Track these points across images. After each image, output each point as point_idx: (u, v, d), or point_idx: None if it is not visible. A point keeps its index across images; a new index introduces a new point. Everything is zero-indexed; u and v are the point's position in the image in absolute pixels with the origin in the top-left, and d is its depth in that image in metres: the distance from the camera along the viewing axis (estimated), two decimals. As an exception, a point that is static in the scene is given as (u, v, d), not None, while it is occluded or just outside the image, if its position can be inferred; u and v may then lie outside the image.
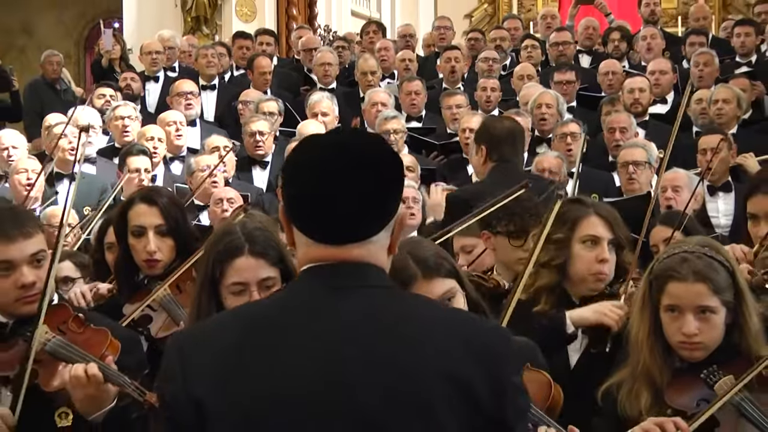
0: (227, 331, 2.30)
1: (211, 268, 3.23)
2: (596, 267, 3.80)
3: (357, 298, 2.25)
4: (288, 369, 2.20)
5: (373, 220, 2.27)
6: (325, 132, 2.54)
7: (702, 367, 3.19)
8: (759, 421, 3.08)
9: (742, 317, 3.22)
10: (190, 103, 9.15)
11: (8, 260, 3.21)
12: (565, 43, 10.79)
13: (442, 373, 2.21)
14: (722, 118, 8.14)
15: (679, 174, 6.40)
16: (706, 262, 3.19)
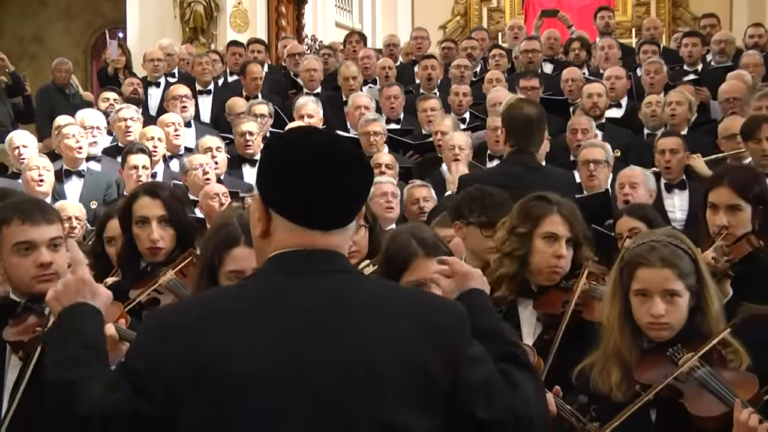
0: (197, 312, 2.32)
1: (210, 257, 3.21)
2: (553, 261, 3.79)
3: (326, 282, 2.28)
4: (248, 348, 2.20)
5: (352, 209, 2.35)
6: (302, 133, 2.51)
7: (667, 346, 3.19)
8: (719, 393, 3.08)
9: (704, 301, 3.22)
10: (185, 106, 9.15)
11: (30, 241, 3.27)
12: (534, 51, 10.77)
13: (396, 353, 2.21)
14: (675, 119, 8.18)
15: (636, 171, 6.42)
16: (672, 249, 3.19)
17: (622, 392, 3.15)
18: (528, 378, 2.48)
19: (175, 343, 2.23)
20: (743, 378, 3.14)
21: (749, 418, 2.95)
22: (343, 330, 2.21)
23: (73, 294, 2.65)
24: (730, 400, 3.05)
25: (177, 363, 2.21)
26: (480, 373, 2.30)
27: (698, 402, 3.09)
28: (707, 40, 11.13)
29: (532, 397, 2.44)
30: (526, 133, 5.60)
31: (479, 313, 2.63)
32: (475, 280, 2.80)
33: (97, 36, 17.23)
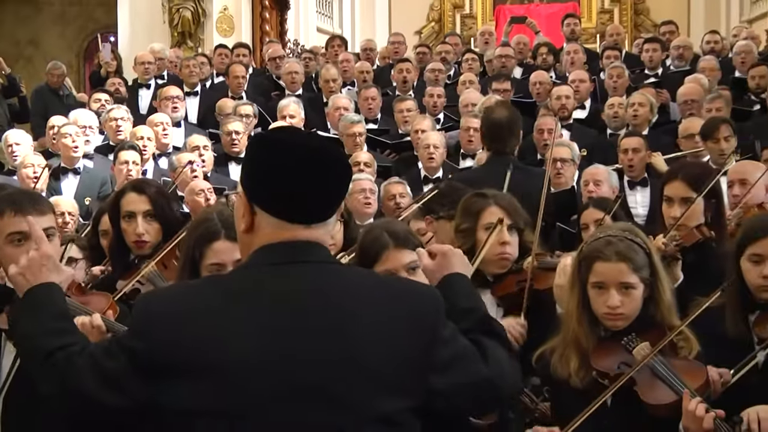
0: (188, 300, 2.30)
1: (192, 250, 3.20)
2: (499, 249, 3.79)
3: (308, 272, 2.28)
4: (237, 338, 2.19)
5: (332, 205, 2.36)
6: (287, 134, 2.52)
7: (622, 334, 3.20)
8: (669, 380, 3.10)
9: (657, 292, 3.24)
10: (176, 106, 9.16)
11: (23, 232, 3.20)
12: (507, 57, 10.87)
13: (378, 339, 2.22)
14: (637, 120, 8.24)
15: (600, 169, 6.44)
16: (627, 244, 3.20)
17: (580, 378, 3.16)
18: (500, 347, 2.47)
19: (167, 329, 2.23)
20: (693, 367, 3.16)
21: (696, 408, 2.97)
22: (327, 319, 2.22)
23: (37, 269, 2.61)
24: (680, 389, 3.06)
25: (169, 348, 2.20)
26: (448, 353, 2.31)
27: (650, 390, 3.10)
28: (667, 45, 11.22)
29: (504, 363, 2.44)
30: (499, 136, 5.63)
31: (458, 296, 2.63)
32: (457, 263, 2.75)
33: (90, 40, 17.19)
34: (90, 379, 2.27)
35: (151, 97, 10.34)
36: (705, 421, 2.95)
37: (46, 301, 2.55)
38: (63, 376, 2.32)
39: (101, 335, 3.02)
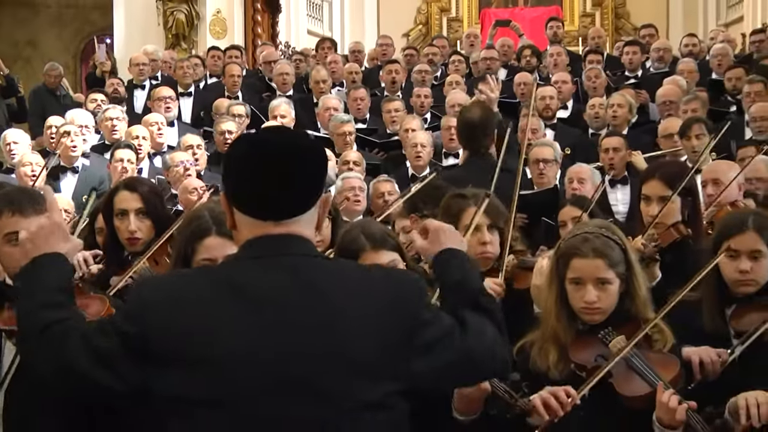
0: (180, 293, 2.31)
1: (183, 246, 3.20)
2: (480, 248, 3.78)
3: (287, 263, 2.28)
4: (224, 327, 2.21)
5: (300, 201, 2.33)
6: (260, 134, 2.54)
7: (599, 328, 3.21)
8: (643, 373, 3.11)
9: (633, 287, 3.24)
10: (169, 107, 9.14)
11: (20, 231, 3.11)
12: (492, 59, 10.88)
13: (362, 328, 2.23)
14: (617, 120, 8.28)
15: (583, 168, 6.47)
16: (603, 241, 3.21)
17: (559, 371, 3.17)
18: (487, 321, 2.45)
19: (159, 316, 2.25)
20: (666, 359, 3.17)
21: (669, 399, 2.98)
22: (311, 311, 2.23)
23: (46, 235, 2.52)
24: (654, 381, 3.08)
25: (160, 335, 2.22)
26: (429, 335, 2.31)
27: (625, 382, 3.12)
28: (646, 48, 11.27)
29: (488, 338, 2.42)
30: (473, 135, 5.63)
31: (450, 270, 2.62)
32: (449, 239, 2.71)
33: (86, 42, 17.09)
34: (84, 357, 2.26)
35: (146, 98, 10.32)
36: (678, 413, 2.97)
37: (50, 270, 2.48)
38: (58, 351, 2.29)
39: None
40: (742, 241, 3.45)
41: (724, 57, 10.41)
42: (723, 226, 3.62)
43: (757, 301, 3.45)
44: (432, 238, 2.73)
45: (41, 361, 2.33)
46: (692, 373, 3.26)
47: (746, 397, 3.02)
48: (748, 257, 3.45)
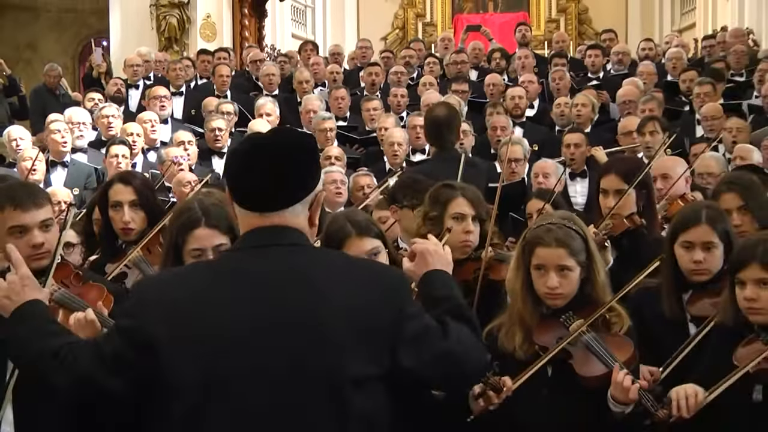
0: (177, 282, 2.36)
1: (175, 237, 3.20)
2: (463, 237, 3.75)
3: (276, 255, 2.29)
4: (220, 312, 2.22)
5: (287, 195, 2.33)
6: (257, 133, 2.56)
7: (561, 312, 3.22)
8: (601, 355, 3.11)
9: (593, 273, 3.25)
10: (164, 105, 9.11)
11: (23, 225, 3.19)
12: (462, 62, 10.87)
13: (348, 310, 2.23)
14: (581, 118, 8.31)
15: (548, 163, 6.51)
16: (566, 231, 3.21)
17: (524, 351, 3.17)
18: (466, 328, 2.44)
19: (156, 310, 2.26)
20: (622, 342, 3.17)
21: (623, 379, 2.99)
22: (300, 296, 2.24)
23: (19, 290, 2.58)
24: (610, 362, 3.08)
25: (163, 324, 2.23)
26: (413, 328, 2.31)
27: (583, 363, 3.12)
28: (607, 51, 11.32)
29: (468, 342, 2.41)
30: (438, 133, 5.62)
31: (434, 286, 2.63)
32: (436, 262, 2.72)
33: (84, 44, 17.00)
34: (94, 366, 2.29)
35: (139, 97, 10.29)
36: (631, 392, 2.99)
37: (36, 312, 2.54)
38: (71, 368, 2.32)
39: (95, 331, 2.99)
40: (696, 233, 3.47)
41: (678, 60, 10.47)
42: (679, 218, 3.63)
43: (710, 288, 3.46)
44: (418, 261, 2.74)
45: (59, 380, 2.35)
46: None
47: (677, 390, 3.04)
48: (701, 248, 3.47)
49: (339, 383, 2.20)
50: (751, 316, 3.08)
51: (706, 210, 3.56)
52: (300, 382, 2.18)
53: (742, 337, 3.10)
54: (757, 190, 4.25)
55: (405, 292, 2.37)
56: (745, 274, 3.09)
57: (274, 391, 2.18)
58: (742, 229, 4.00)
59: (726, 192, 4.21)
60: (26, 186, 3.60)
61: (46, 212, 3.26)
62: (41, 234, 3.21)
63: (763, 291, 3.05)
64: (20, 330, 2.49)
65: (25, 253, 3.14)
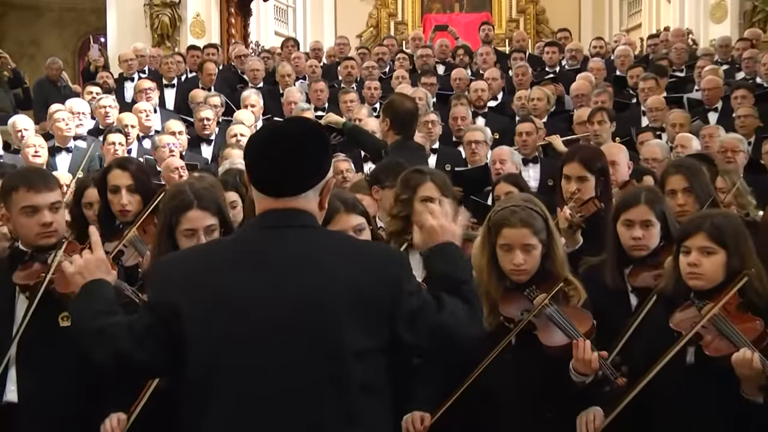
0: (196, 258, 2.37)
1: (168, 218, 3.18)
2: None
3: (289, 236, 2.27)
4: (235, 283, 2.21)
5: (299, 181, 2.30)
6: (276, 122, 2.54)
7: (524, 287, 3.21)
8: (563, 326, 3.11)
9: (552, 250, 3.24)
10: (150, 96, 8.95)
11: (34, 205, 3.24)
12: (427, 56, 10.85)
13: (350, 290, 2.20)
14: (537, 110, 8.24)
15: (504, 150, 6.46)
16: (528, 213, 3.19)
17: (489, 323, 3.14)
18: (461, 303, 2.39)
19: (183, 281, 2.26)
20: (581, 314, 3.17)
21: (585, 350, 2.99)
22: (306, 273, 2.22)
23: (93, 269, 2.57)
24: (571, 333, 3.07)
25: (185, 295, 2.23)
26: (411, 304, 2.28)
27: (547, 334, 3.11)
28: (562, 48, 11.31)
29: (461, 316, 2.36)
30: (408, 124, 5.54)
31: (441, 260, 2.55)
32: (446, 233, 2.59)
33: (83, 41, 16.87)
34: (128, 342, 2.28)
35: (133, 89, 10.11)
36: (592, 363, 2.98)
37: (99, 291, 2.52)
38: (109, 345, 2.31)
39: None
40: (636, 213, 3.51)
41: (626, 57, 10.51)
42: (621, 199, 3.68)
43: (648, 263, 3.50)
44: (427, 234, 2.60)
45: (98, 356, 2.35)
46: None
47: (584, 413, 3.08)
48: (640, 226, 3.50)
49: (341, 355, 2.17)
50: (690, 281, 3.12)
51: (645, 192, 3.61)
52: (304, 354, 2.17)
53: (678, 304, 3.13)
54: (700, 173, 4.30)
55: (403, 271, 2.33)
56: (691, 242, 3.12)
57: (280, 360, 2.16)
58: (686, 208, 4.04)
59: (673, 174, 4.25)
60: (39, 171, 3.68)
61: (55, 195, 3.31)
62: (50, 214, 3.26)
63: (705, 258, 3.09)
64: (81, 305, 2.49)
65: (35, 231, 3.27)
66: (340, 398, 2.17)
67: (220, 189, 3.85)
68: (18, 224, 3.29)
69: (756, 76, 9.49)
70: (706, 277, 3.09)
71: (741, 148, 6.21)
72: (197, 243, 3.09)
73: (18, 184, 3.27)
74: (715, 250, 3.09)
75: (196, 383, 2.21)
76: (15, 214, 3.28)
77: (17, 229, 3.32)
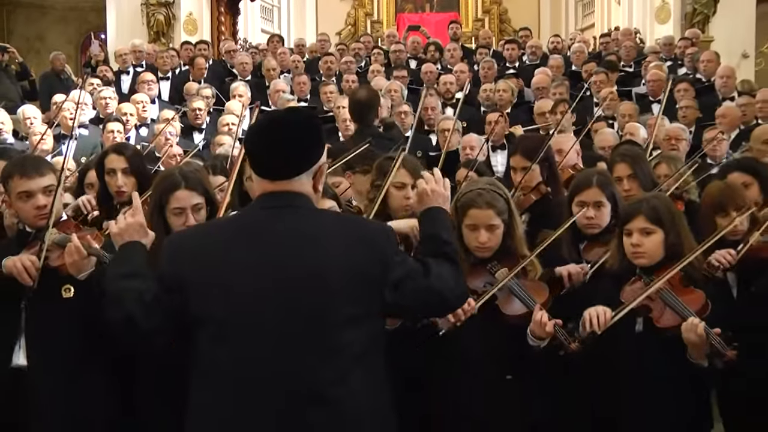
0: (203, 235, 2.40)
1: (159, 198, 3.19)
2: (404, 202, 3.67)
3: (285, 215, 2.27)
4: (237, 258, 2.22)
5: (294, 165, 2.30)
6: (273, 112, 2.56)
7: (488, 262, 3.21)
8: (522, 297, 3.12)
9: (513, 229, 3.24)
10: (151, 87, 8.92)
11: (28, 191, 3.21)
12: (401, 52, 10.83)
13: (342, 262, 2.20)
14: (502, 101, 8.24)
15: (473, 137, 6.47)
16: (492, 195, 3.20)
17: None
18: (446, 264, 2.41)
19: (190, 255, 2.28)
20: (539, 286, 3.18)
21: (541, 317, 3.00)
22: (300, 248, 2.22)
23: (132, 232, 2.62)
24: (530, 303, 3.09)
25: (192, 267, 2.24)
26: (399, 272, 2.28)
27: (508, 304, 3.12)
28: (523, 46, 11.30)
29: (448, 277, 2.38)
30: (360, 113, 5.47)
31: (430, 223, 2.60)
32: (435, 199, 2.67)
33: (85, 36, 16.66)
34: (136, 308, 2.28)
35: (131, 81, 10.10)
36: (548, 327, 2.99)
37: (130, 254, 2.55)
38: (121, 309, 2.31)
39: (81, 256, 3.03)
40: (589, 195, 3.54)
41: (580, 54, 10.54)
42: (575, 182, 3.68)
43: (600, 239, 3.53)
44: (419, 199, 2.69)
45: (111, 315, 2.34)
46: (562, 283, 3.31)
47: (589, 310, 3.03)
48: (593, 207, 3.53)
49: (335, 322, 2.18)
50: (635, 259, 3.15)
51: (597, 176, 3.64)
52: (301, 320, 2.17)
53: (626, 280, 3.15)
54: (643, 161, 4.32)
55: (390, 243, 2.34)
56: (632, 225, 3.15)
57: (278, 326, 2.17)
58: (631, 193, 4.06)
59: (618, 162, 4.30)
60: (33, 158, 3.65)
61: (48, 180, 3.26)
62: (44, 198, 3.23)
63: (646, 239, 3.13)
64: (112, 266, 2.53)
65: (31, 213, 3.24)
66: (335, 362, 2.17)
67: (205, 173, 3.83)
68: (17, 208, 3.29)
69: (696, 72, 9.53)
70: (648, 255, 3.13)
71: (683, 136, 6.24)
72: (185, 220, 3.11)
73: (13, 172, 3.26)
74: (653, 230, 3.13)
75: (198, 351, 2.22)
76: (14, 200, 3.29)
77: (18, 212, 3.32)
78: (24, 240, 3.29)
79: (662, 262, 3.12)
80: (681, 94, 7.96)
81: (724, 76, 8.57)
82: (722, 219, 3.56)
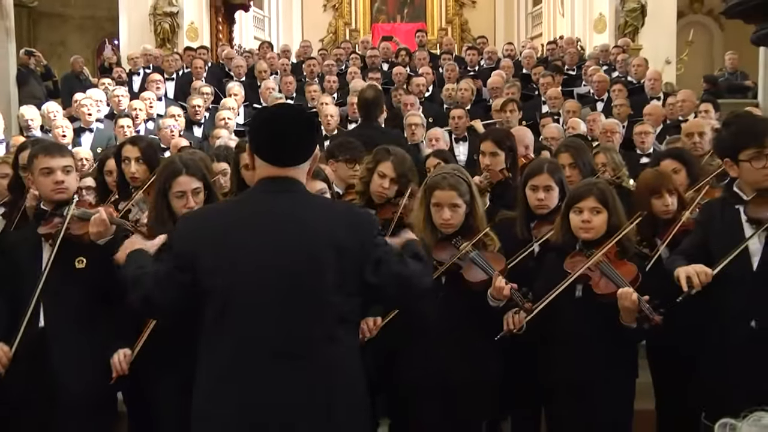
0: (210, 217, 2.34)
1: (162, 183, 3.13)
2: (380, 189, 3.62)
3: (284, 197, 2.25)
4: (242, 236, 2.20)
5: (300, 154, 2.29)
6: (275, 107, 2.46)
7: (452, 237, 3.19)
8: (483, 266, 3.10)
9: (474, 209, 3.22)
10: (159, 87, 8.81)
11: (50, 167, 3.20)
12: (375, 56, 10.73)
13: (330, 241, 2.19)
14: (464, 99, 8.21)
15: (437, 131, 6.44)
16: (456, 179, 3.18)
17: None
18: (418, 263, 2.40)
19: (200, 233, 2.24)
20: (497, 257, 3.17)
21: (500, 282, 3.00)
22: (297, 230, 2.19)
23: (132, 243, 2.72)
24: (490, 271, 3.08)
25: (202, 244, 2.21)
26: (377, 253, 2.27)
27: (470, 272, 3.10)
28: (481, 51, 11.23)
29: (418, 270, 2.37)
30: (367, 109, 5.46)
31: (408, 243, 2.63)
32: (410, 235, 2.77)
33: (101, 42, 16.52)
34: (151, 286, 2.26)
35: (140, 81, 9.95)
36: (505, 290, 2.99)
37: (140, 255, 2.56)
38: (140, 290, 2.28)
39: (106, 226, 3.09)
40: (539, 179, 3.49)
41: (530, 59, 10.50)
42: (528, 169, 3.65)
43: (549, 219, 3.50)
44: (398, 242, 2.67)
45: (132, 296, 2.31)
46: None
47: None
48: (543, 190, 3.49)
49: (324, 293, 2.18)
50: (583, 234, 3.14)
51: (548, 164, 3.60)
52: (297, 291, 2.16)
53: (568, 252, 3.15)
54: (584, 152, 4.30)
55: (372, 227, 2.33)
56: (584, 204, 3.13)
57: (278, 296, 2.16)
58: (572, 179, 4.05)
59: (562, 152, 4.28)
60: (55, 142, 3.72)
61: (67, 160, 3.25)
62: (62, 175, 3.22)
63: (594, 216, 3.12)
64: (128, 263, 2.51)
65: (50, 188, 3.23)
66: (324, 324, 2.19)
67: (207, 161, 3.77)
68: (38, 183, 3.26)
69: (627, 75, 9.57)
70: (594, 231, 3.12)
71: (618, 130, 6.25)
72: (186, 203, 3.06)
73: (38, 152, 3.26)
74: (601, 209, 3.12)
75: (208, 320, 2.20)
76: (36, 176, 3.25)
77: (38, 187, 3.29)
78: (41, 217, 3.27)
79: (601, 238, 3.12)
80: (615, 93, 8.00)
81: (652, 79, 8.61)
82: (656, 200, 3.56)
